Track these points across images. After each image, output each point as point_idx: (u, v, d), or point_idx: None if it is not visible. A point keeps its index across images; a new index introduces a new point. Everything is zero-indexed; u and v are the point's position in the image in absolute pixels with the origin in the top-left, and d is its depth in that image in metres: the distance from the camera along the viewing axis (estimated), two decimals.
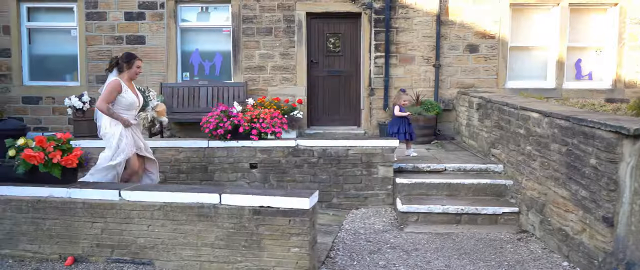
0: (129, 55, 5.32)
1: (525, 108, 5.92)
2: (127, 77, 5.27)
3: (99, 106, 5.15)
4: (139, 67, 5.37)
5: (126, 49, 9.30)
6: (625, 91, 9.22)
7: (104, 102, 5.12)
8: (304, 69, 9.28)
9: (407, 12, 9.11)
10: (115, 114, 5.18)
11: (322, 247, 5.05)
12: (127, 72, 5.26)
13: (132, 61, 5.27)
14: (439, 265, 4.73)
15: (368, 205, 6.54)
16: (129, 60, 5.26)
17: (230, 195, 4.24)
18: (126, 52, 5.39)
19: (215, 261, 4.30)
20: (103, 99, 5.13)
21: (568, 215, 4.90)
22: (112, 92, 5.13)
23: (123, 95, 5.18)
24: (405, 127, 7.16)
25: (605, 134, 4.27)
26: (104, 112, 5.14)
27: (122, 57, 5.27)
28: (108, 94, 5.12)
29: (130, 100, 5.26)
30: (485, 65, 9.22)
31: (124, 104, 5.22)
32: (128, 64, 5.25)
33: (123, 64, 5.23)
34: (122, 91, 5.17)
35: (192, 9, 9.50)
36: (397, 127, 7.12)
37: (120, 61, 5.24)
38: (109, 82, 5.18)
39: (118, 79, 5.19)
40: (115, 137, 5.16)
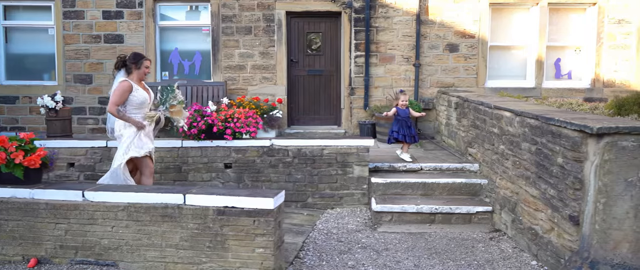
0: (137, 55, 5.16)
1: (499, 107, 5.92)
2: (136, 77, 5.13)
3: (109, 110, 5.00)
4: (148, 67, 5.23)
5: (104, 48, 9.26)
6: (604, 90, 9.27)
7: (113, 106, 4.97)
8: (284, 68, 9.24)
9: (387, 11, 9.10)
10: (126, 117, 5.06)
11: (292, 247, 5.01)
12: (136, 73, 5.12)
13: (141, 61, 5.12)
14: (408, 265, 4.71)
15: (343, 205, 6.52)
16: (137, 60, 5.11)
17: (195, 196, 4.20)
18: (133, 52, 5.23)
19: (179, 262, 4.25)
20: (113, 102, 4.97)
21: (538, 214, 4.90)
22: (123, 94, 4.99)
23: (134, 93, 5.06)
24: (404, 129, 6.93)
25: (571, 133, 4.27)
26: (115, 114, 5.01)
27: (129, 58, 5.11)
28: (118, 97, 4.97)
29: (141, 98, 5.13)
30: (465, 64, 9.23)
31: (135, 102, 5.09)
32: (136, 65, 5.10)
33: (131, 64, 5.08)
34: (133, 90, 5.05)
35: (171, 8, 9.43)
36: (396, 127, 7.00)
37: (128, 62, 5.08)
38: (118, 83, 5.01)
39: (127, 80, 5.04)
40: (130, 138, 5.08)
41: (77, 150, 6.50)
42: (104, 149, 6.49)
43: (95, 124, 9.40)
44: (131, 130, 5.09)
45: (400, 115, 6.91)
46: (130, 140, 5.08)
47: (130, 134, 5.09)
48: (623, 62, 9.23)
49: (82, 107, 9.36)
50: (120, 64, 5.11)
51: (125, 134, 5.10)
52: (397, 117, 6.94)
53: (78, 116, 9.34)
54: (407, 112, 6.96)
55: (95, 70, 9.30)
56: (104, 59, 9.27)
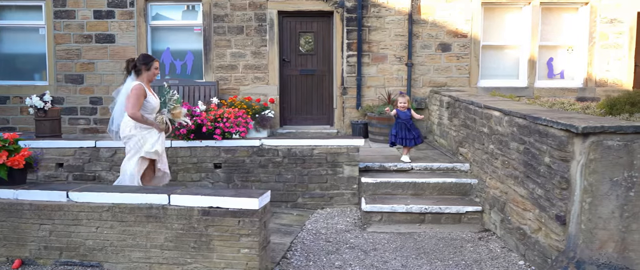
0: (146, 57, 5.13)
1: (488, 107, 5.90)
2: (146, 79, 5.10)
3: (133, 115, 4.92)
4: (157, 69, 5.21)
5: (95, 48, 9.21)
6: (596, 90, 9.27)
7: (135, 109, 4.92)
8: (276, 68, 9.21)
9: (379, 10, 9.08)
10: (149, 121, 5.04)
11: (280, 247, 4.99)
12: (146, 75, 5.08)
13: (151, 63, 5.08)
14: (396, 265, 4.69)
15: (333, 205, 6.50)
16: (148, 62, 5.07)
17: (179, 196, 4.17)
18: (142, 54, 5.19)
19: (164, 263, 4.22)
20: (133, 106, 4.90)
21: (526, 213, 4.89)
22: (139, 98, 4.94)
23: (148, 99, 5.04)
24: (403, 131, 6.82)
25: (558, 132, 4.26)
26: (139, 119, 4.96)
27: (139, 59, 5.07)
28: (136, 100, 4.92)
29: (154, 103, 5.14)
30: (457, 64, 9.22)
31: (148, 108, 5.08)
32: (146, 66, 5.06)
33: (141, 66, 5.04)
34: (147, 95, 5.04)
35: (163, 8, 9.39)
36: (394, 131, 6.92)
37: (138, 64, 5.04)
38: (133, 87, 4.95)
39: (141, 84, 5.00)
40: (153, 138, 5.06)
41: (65, 151, 6.47)
42: (93, 149, 6.46)
43: (87, 124, 9.36)
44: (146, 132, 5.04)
45: (401, 118, 6.83)
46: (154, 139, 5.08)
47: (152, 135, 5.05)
48: (615, 62, 9.23)
49: (73, 107, 9.32)
50: (130, 66, 5.07)
51: (139, 135, 5.04)
52: (397, 120, 6.86)
53: (69, 116, 9.30)
54: (407, 114, 6.82)
55: (86, 70, 9.26)
56: (95, 59, 9.23)
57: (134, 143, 5.07)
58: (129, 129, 5.04)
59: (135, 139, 5.05)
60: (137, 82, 5.00)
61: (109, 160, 6.45)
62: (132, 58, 5.13)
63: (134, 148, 5.08)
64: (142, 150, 5.06)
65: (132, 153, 5.09)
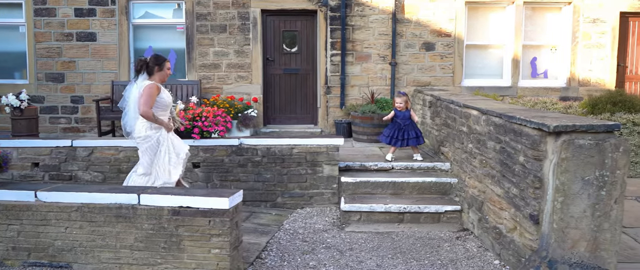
0: (159, 57, 5.10)
1: (467, 106, 5.88)
2: (158, 79, 5.06)
3: (144, 113, 4.86)
4: (169, 69, 5.18)
5: (76, 46, 9.12)
6: (579, 89, 9.30)
7: (147, 108, 4.85)
8: (260, 67, 9.16)
9: (362, 9, 9.05)
10: (160, 120, 4.99)
11: (255, 247, 4.95)
12: (158, 75, 5.04)
13: (163, 63, 5.05)
14: (371, 265, 4.65)
15: (313, 205, 6.46)
16: (161, 62, 5.03)
17: (149, 196, 4.11)
18: (155, 54, 5.15)
19: (134, 263, 4.16)
20: (145, 104, 4.84)
21: (502, 213, 4.88)
22: (152, 96, 4.89)
23: (161, 95, 5.01)
24: (396, 132, 6.80)
25: (531, 131, 4.24)
26: (150, 118, 4.90)
27: (151, 60, 5.03)
28: (149, 98, 4.86)
29: (168, 100, 5.09)
30: (441, 63, 9.21)
31: (162, 104, 5.03)
32: (159, 67, 5.03)
33: (154, 66, 5.00)
34: (161, 91, 5.01)
35: (145, 6, 9.31)
36: (387, 131, 6.88)
37: (151, 64, 5.00)
38: (146, 86, 4.90)
39: (154, 82, 4.97)
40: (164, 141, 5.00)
41: (41, 150, 6.37)
42: (69, 148, 6.38)
43: (68, 123, 9.26)
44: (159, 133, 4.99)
45: (398, 118, 6.82)
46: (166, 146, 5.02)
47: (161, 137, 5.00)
48: (598, 61, 9.26)
49: (54, 106, 9.22)
50: (142, 66, 5.03)
51: (154, 137, 4.99)
52: (395, 120, 6.85)
53: (50, 115, 9.20)
54: (405, 114, 6.77)
55: (67, 69, 9.16)
56: (77, 58, 9.13)
57: (149, 145, 5.01)
58: (145, 130, 4.98)
59: (152, 141, 4.99)
60: (148, 81, 4.98)
61: (85, 160, 6.37)
62: (144, 58, 5.10)
63: (150, 150, 5.01)
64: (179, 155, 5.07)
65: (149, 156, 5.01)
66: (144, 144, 5.01)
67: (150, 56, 5.12)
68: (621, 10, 9.19)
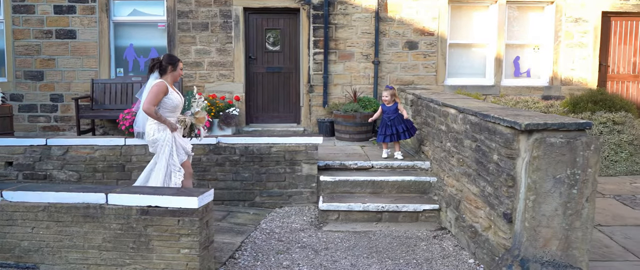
0: (172, 57, 5.07)
1: (446, 104, 5.86)
2: (170, 79, 5.02)
3: (146, 109, 4.82)
4: (182, 69, 5.18)
5: (56, 43, 9.00)
6: (562, 88, 9.32)
7: (150, 105, 4.81)
8: (242, 65, 9.09)
9: (345, 8, 9.01)
10: (163, 118, 4.92)
11: (228, 247, 4.89)
12: (171, 75, 5.01)
13: (177, 63, 5.05)
14: (345, 265, 4.61)
15: (292, 204, 6.41)
16: (174, 62, 5.03)
17: (117, 195, 4.04)
18: (167, 54, 5.13)
19: (102, 264, 4.09)
20: (149, 101, 4.80)
21: (478, 211, 4.85)
22: (158, 94, 4.85)
23: (169, 96, 4.95)
24: (383, 128, 6.77)
25: (504, 130, 4.22)
26: (152, 115, 4.85)
27: (165, 59, 5.00)
28: (154, 97, 4.82)
29: (176, 101, 5.04)
30: (424, 62, 9.19)
31: (169, 105, 4.98)
32: (173, 66, 5.00)
33: (167, 65, 4.97)
34: (168, 93, 4.95)
35: (126, 3, 9.20)
36: (380, 129, 6.85)
37: (164, 63, 4.97)
38: (154, 84, 4.87)
39: (163, 81, 4.93)
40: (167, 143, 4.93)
41: (15, 149, 6.27)
42: (44, 147, 6.28)
43: (47, 122, 9.14)
44: (166, 134, 4.94)
45: (384, 113, 6.81)
46: (170, 147, 4.96)
47: (166, 138, 4.94)
48: (580, 61, 9.29)
49: (33, 104, 9.09)
50: (154, 65, 4.99)
51: (161, 138, 4.93)
52: (382, 116, 6.84)
53: (29, 114, 9.08)
54: (390, 108, 6.74)
55: (46, 67, 9.03)
56: (56, 55, 9.01)
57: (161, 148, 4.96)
58: (153, 132, 4.94)
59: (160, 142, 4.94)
60: (159, 80, 4.94)
61: (60, 159, 6.27)
62: (157, 57, 5.07)
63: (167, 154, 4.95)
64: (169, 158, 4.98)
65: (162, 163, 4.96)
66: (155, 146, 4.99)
67: (163, 55, 5.11)
68: (603, 9, 9.22)
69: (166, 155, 4.92)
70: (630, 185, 6.90)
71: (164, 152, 4.92)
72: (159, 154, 4.96)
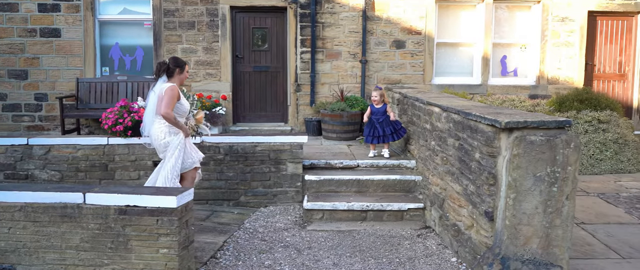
0: (178, 59, 5.04)
1: (430, 103, 5.86)
2: (178, 82, 4.99)
3: (166, 115, 4.77)
4: (188, 72, 5.17)
5: (40, 42, 8.89)
6: (549, 87, 9.35)
7: (169, 109, 4.78)
8: (229, 64, 9.03)
9: (333, 7, 8.98)
10: (180, 123, 4.90)
11: (210, 247, 4.85)
12: (178, 77, 4.99)
13: (184, 66, 5.04)
14: (327, 264, 4.59)
15: (277, 203, 6.37)
16: (181, 65, 5.01)
17: (95, 194, 3.99)
18: (173, 57, 5.08)
19: (80, 264, 4.04)
20: (168, 106, 4.77)
21: (461, 210, 4.85)
22: (173, 98, 4.82)
23: (181, 101, 4.94)
24: (371, 129, 6.76)
25: (485, 128, 4.22)
26: (171, 120, 4.82)
27: (171, 62, 4.97)
28: (171, 101, 4.79)
29: (186, 106, 5.04)
30: (412, 61, 9.19)
31: (181, 110, 4.97)
32: (181, 69, 4.98)
33: (175, 68, 4.94)
34: (181, 97, 4.94)
35: (111, 1, 9.11)
36: (366, 129, 6.83)
37: (172, 66, 4.93)
38: (169, 87, 4.83)
39: (175, 85, 4.90)
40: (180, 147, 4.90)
41: None
42: (25, 146, 6.21)
43: (32, 121, 9.04)
44: (179, 137, 4.90)
45: (373, 114, 6.80)
46: (179, 151, 4.92)
47: (179, 142, 4.89)
48: (567, 60, 9.32)
49: (17, 103, 8.99)
50: (162, 69, 4.95)
51: (173, 142, 4.89)
52: (371, 116, 6.83)
53: (13, 113, 8.97)
54: (379, 110, 6.72)
55: (30, 66, 8.93)
56: (40, 54, 8.91)
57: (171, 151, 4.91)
58: (164, 135, 4.89)
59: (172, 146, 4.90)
60: (170, 84, 4.90)
61: (42, 158, 6.20)
62: (164, 61, 5.05)
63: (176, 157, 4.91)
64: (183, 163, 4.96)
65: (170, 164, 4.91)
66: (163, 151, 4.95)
67: (170, 58, 5.07)
68: (589, 9, 9.26)
69: (175, 159, 4.88)
70: (615, 183, 6.93)
71: (173, 155, 4.89)
72: (167, 156, 4.93)
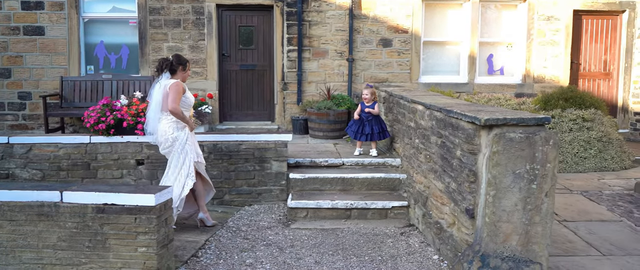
0: (181, 57, 5.10)
1: (414, 101, 5.85)
2: (181, 79, 5.04)
3: (173, 110, 4.83)
4: (190, 70, 5.26)
5: (24, 40, 8.80)
6: (534, 86, 9.40)
7: (176, 104, 4.84)
8: (215, 62, 8.99)
9: (319, 5, 8.96)
10: (187, 118, 4.96)
11: (192, 246, 4.82)
12: (181, 75, 5.05)
13: (187, 63, 5.12)
14: (309, 262, 4.57)
15: (261, 202, 6.35)
16: (184, 62, 5.08)
17: (73, 193, 3.95)
18: (176, 55, 5.12)
19: (57, 264, 3.99)
20: (174, 101, 4.83)
21: (443, 208, 4.85)
22: (179, 94, 4.88)
23: (186, 94, 4.99)
24: (358, 126, 6.77)
25: (466, 125, 4.22)
26: (179, 115, 4.88)
27: (174, 60, 5.01)
28: (177, 96, 4.85)
29: (191, 99, 5.09)
30: (398, 59, 9.19)
31: (186, 104, 5.02)
32: (183, 67, 5.06)
33: (177, 66, 5.00)
34: (186, 92, 4.99)
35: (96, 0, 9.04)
36: (353, 126, 6.83)
37: (175, 63, 4.98)
38: (174, 83, 4.89)
39: (180, 81, 4.96)
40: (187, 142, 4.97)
41: None
42: (6, 145, 6.14)
43: (15, 120, 8.94)
44: (185, 132, 4.96)
45: (363, 112, 6.79)
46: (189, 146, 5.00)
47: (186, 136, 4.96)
48: (552, 58, 9.38)
49: (0, 102, 8.88)
50: (165, 65, 4.98)
51: (181, 137, 4.94)
52: (360, 113, 6.82)
53: None
54: (369, 107, 6.73)
55: (14, 64, 8.84)
56: (24, 52, 8.82)
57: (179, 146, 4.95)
58: (172, 130, 4.94)
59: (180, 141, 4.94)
60: (174, 80, 4.96)
61: (23, 157, 6.13)
62: (166, 57, 5.08)
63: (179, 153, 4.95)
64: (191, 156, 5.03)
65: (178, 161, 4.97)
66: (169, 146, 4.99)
67: (172, 55, 5.12)
68: (574, 8, 9.32)
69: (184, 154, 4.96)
70: (598, 181, 6.97)
71: (183, 150, 4.95)
72: (173, 153, 4.97)
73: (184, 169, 5.01)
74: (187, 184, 5.01)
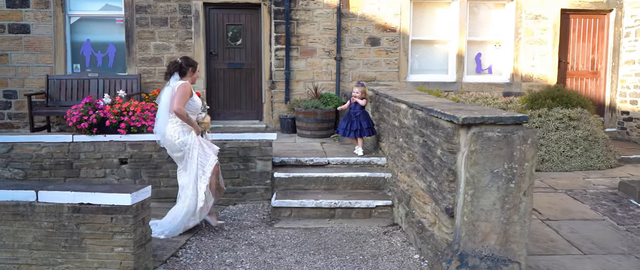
0: (190, 59, 5.08)
1: (398, 100, 5.84)
2: (189, 81, 5.01)
3: (178, 111, 4.78)
4: (198, 72, 5.22)
5: (9, 38, 8.73)
6: (522, 85, 9.41)
7: (181, 106, 4.80)
8: (203, 61, 8.95)
9: (307, 3, 8.94)
10: (192, 120, 4.91)
11: (172, 245, 4.79)
12: (190, 77, 5.02)
13: (196, 65, 5.10)
14: (289, 261, 4.55)
15: (246, 201, 6.32)
16: (194, 64, 5.06)
17: (48, 192, 3.90)
18: (185, 57, 5.10)
19: (33, 264, 3.95)
20: (180, 102, 4.79)
21: (425, 207, 4.84)
22: (186, 95, 4.84)
23: (193, 98, 4.95)
24: (347, 123, 6.77)
25: (446, 124, 4.21)
26: (184, 116, 4.83)
27: (184, 61, 4.99)
28: (183, 98, 4.80)
29: (198, 103, 5.05)
30: (387, 58, 9.18)
31: (192, 108, 4.98)
32: (193, 68, 5.03)
33: (187, 68, 4.97)
34: (193, 95, 4.95)
35: None
36: (342, 123, 6.82)
37: (184, 64, 4.96)
38: (180, 84, 4.87)
39: (187, 82, 4.92)
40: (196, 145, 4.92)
41: None
42: None
43: (1, 119, 8.87)
44: (192, 135, 4.92)
45: (351, 108, 6.80)
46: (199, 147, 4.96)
47: (193, 140, 4.92)
48: (540, 57, 9.40)
49: None
50: (174, 68, 4.95)
51: (189, 141, 4.91)
52: (349, 110, 6.82)
53: None
54: (357, 105, 6.76)
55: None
56: (9, 50, 8.75)
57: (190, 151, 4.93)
58: (178, 135, 4.90)
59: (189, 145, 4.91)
60: (182, 81, 4.92)
61: (5, 156, 6.07)
62: (176, 60, 5.04)
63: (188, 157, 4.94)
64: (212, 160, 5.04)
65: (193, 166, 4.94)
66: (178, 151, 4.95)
67: (181, 58, 5.09)
68: (562, 7, 9.34)
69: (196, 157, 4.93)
70: (583, 180, 6.99)
71: (194, 155, 4.93)
72: (187, 158, 4.95)
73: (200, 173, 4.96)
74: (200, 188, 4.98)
